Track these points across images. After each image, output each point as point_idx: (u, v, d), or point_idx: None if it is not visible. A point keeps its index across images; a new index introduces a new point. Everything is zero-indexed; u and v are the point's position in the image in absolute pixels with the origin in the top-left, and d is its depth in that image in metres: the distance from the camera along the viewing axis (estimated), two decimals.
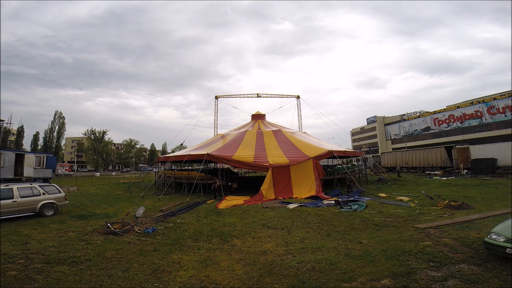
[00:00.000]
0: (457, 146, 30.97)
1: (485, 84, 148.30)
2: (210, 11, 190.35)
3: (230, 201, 13.99)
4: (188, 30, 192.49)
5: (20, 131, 61.27)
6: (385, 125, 72.45)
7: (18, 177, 20.68)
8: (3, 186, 10.45)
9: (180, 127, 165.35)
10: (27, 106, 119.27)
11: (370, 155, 41.82)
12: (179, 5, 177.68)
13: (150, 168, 36.61)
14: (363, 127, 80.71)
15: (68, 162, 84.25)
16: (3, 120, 40.71)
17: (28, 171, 21.51)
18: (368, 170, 26.05)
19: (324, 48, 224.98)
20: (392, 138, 69.57)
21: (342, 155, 20.68)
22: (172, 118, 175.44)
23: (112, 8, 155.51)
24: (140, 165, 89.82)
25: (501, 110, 43.48)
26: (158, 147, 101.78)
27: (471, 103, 48.95)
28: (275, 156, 17.70)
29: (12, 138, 59.62)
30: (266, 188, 15.44)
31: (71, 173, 57.48)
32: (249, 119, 28.51)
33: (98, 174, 54.71)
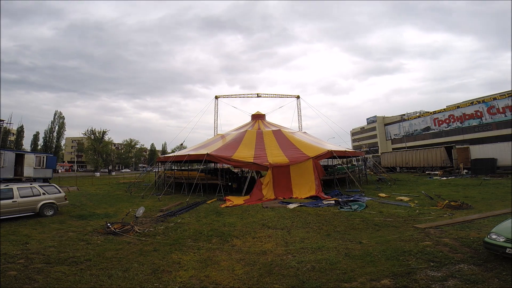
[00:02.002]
0: (457, 146, 30.97)
1: (452, 87, 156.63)
2: (162, 29, 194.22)
3: (233, 202, 13.95)
4: (146, 46, 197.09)
5: (20, 131, 61.28)
6: (385, 125, 72.45)
7: (18, 177, 20.68)
8: (3, 186, 10.45)
9: (164, 127, 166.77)
10: (11, 108, 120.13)
11: (370, 155, 41.83)
12: (131, 26, 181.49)
13: (150, 168, 36.56)
14: (363, 127, 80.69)
15: (68, 162, 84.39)
16: (3, 120, 40.68)
17: (28, 171, 21.51)
18: (368, 170, 26.06)
19: (280, 57, 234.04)
20: (392, 138, 69.57)
21: (342, 155, 20.69)
22: (155, 119, 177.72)
23: (72, 23, 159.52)
24: (140, 165, 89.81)
25: (501, 110, 43.50)
26: (158, 147, 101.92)
27: (471, 103, 48.97)
28: (275, 156, 17.70)
29: (12, 138, 59.63)
30: (266, 187, 15.44)
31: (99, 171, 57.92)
32: (235, 120, 28.59)
33: (98, 174, 54.70)
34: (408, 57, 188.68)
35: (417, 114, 63.65)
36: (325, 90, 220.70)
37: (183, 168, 27.06)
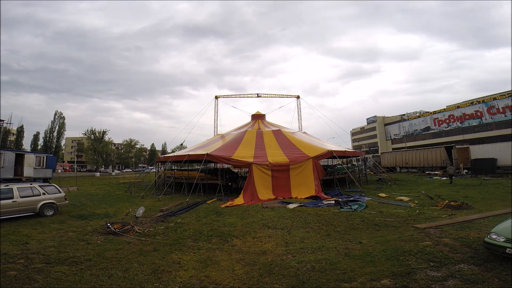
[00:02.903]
0: (457, 146, 30.97)
1: (437, 88, 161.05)
2: (145, 36, 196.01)
3: (234, 201, 13.96)
4: (130, 50, 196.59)
5: (20, 131, 61.30)
6: (385, 125, 72.46)
7: (18, 177, 20.67)
8: (3, 186, 10.45)
9: (156, 128, 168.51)
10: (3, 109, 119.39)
11: (370, 155, 41.83)
12: (114, 35, 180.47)
13: (150, 168, 36.54)
14: (363, 127, 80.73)
15: (68, 162, 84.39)
16: (3, 120, 40.69)
17: (28, 171, 21.50)
18: (368, 170, 26.06)
19: (263, 60, 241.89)
20: (392, 138, 69.57)
21: (342, 155, 20.69)
22: (147, 119, 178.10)
23: (58, 31, 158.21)
24: (140, 165, 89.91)
25: (501, 110, 43.50)
26: (158, 147, 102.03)
27: (471, 103, 48.98)
28: (275, 155, 17.69)
29: (12, 138, 59.65)
30: (262, 187, 15.47)
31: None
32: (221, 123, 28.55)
33: (98, 174, 54.73)
34: (386, 59, 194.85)
35: (417, 114, 63.66)
36: (311, 93, 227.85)
37: (183, 168, 27.06)
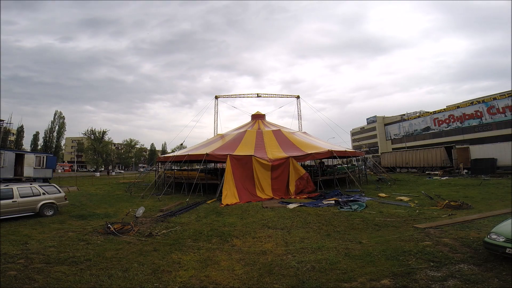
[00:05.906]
0: (457, 146, 30.97)
1: (390, 91, 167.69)
2: (103, 58, 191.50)
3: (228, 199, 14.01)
4: (86, 61, 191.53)
5: (20, 131, 61.31)
6: (385, 125, 72.52)
7: (18, 177, 20.69)
8: (3, 186, 10.45)
9: (136, 129, 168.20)
10: None
11: (370, 155, 41.84)
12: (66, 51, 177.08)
13: (150, 168, 36.52)
14: (363, 127, 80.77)
15: (68, 162, 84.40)
16: (3, 120, 40.75)
17: (28, 171, 21.51)
18: (368, 170, 26.06)
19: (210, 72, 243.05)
20: (392, 138, 69.63)
21: (342, 155, 20.69)
22: (124, 121, 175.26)
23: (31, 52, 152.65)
24: (140, 165, 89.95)
25: (501, 110, 43.55)
26: (158, 147, 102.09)
27: (471, 103, 49.03)
28: (275, 155, 17.67)
29: (12, 138, 59.66)
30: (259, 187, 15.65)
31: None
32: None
33: (98, 174, 54.72)
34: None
35: (417, 114, 63.71)
36: (272, 103, 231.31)
37: (183, 168, 27.06)
